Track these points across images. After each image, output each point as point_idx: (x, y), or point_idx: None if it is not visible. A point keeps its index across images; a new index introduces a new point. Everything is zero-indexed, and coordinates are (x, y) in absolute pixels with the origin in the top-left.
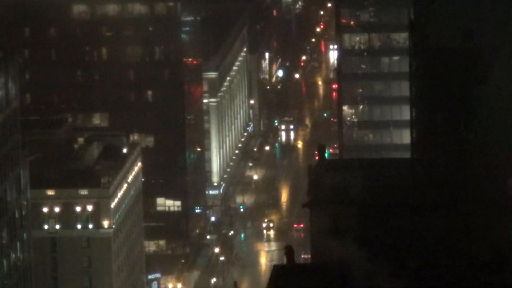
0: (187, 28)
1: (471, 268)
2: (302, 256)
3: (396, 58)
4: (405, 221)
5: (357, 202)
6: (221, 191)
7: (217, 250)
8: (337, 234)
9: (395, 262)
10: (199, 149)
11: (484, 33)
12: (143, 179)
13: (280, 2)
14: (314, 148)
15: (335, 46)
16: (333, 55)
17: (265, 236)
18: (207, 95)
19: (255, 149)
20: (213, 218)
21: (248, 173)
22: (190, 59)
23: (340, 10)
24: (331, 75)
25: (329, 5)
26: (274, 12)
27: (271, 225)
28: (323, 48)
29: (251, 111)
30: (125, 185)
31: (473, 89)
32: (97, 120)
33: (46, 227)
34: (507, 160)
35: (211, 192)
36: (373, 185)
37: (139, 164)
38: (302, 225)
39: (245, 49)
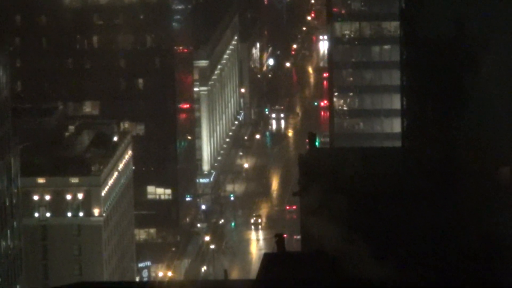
0: (178, 17)
1: (460, 256)
2: (295, 237)
3: (387, 47)
4: (395, 209)
5: (348, 191)
6: (211, 179)
7: (207, 238)
8: (328, 222)
9: (385, 250)
10: (189, 138)
11: (476, 22)
12: (133, 167)
13: None
14: (305, 136)
15: (325, 37)
16: (323, 45)
17: (252, 225)
18: (197, 83)
19: (245, 138)
20: (203, 207)
21: (239, 161)
22: (181, 48)
23: None
24: (321, 64)
25: None
26: (265, 1)
27: (259, 221)
28: (314, 37)
29: (241, 100)
30: (115, 173)
31: (464, 79)
32: (88, 108)
33: (36, 215)
34: (497, 149)
35: (201, 180)
36: (364, 173)
37: (130, 152)
38: (294, 207)
39: (236, 38)
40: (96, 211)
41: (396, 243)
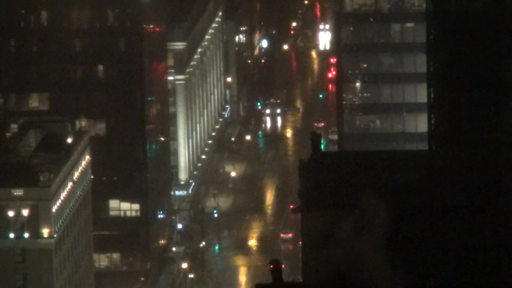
0: None
1: (502, 285)
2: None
3: (410, 25)
4: (421, 228)
5: (361, 206)
6: (190, 191)
7: (185, 265)
8: (336, 245)
9: (409, 280)
10: (162, 139)
11: None
12: (92, 176)
13: None
14: (307, 137)
15: (325, 27)
16: (330, 22)
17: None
18: (172, 71)
19: (232, 139)
20: (180, 226)
21: (224, 169)
22: (151, 26)
23: None
24: (327, 46)
25: None
26: None
27: None
28: (318, 12)
29: (228, 92)
30: (70, 184)
31: (505, 63)
32: (34, 102)
33: None
34: None
35: (177, 193)
36: (381, 184)
37: (88, 157)
38: (290, 235)
39: (220, 14)
40: (45, 232)
41: (423, 271)
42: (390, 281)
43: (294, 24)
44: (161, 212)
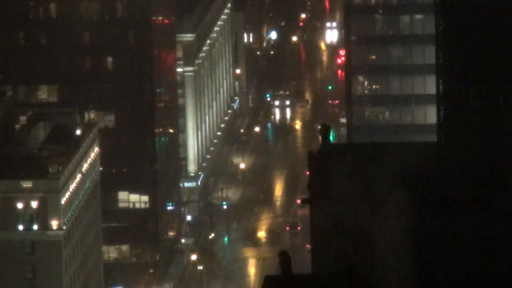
0: None
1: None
2: (307, 246)
3: (419, 16)
4: (430, 221)
5: (370, 198)
6: (199, 183)
7: (194, 257)
8: (346, 237)
9: (418, 272)
10: (171, 131)
11: None
12: (101, 168)
13: None
14: (316, 129)
15: (332, 24)
16: (339, 14)
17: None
18: (181, 62)
19: (241, 131)
20: (189, 217)
21: (234, 160)
22: (160, 18)
23: None
24: (336, 38)
25: None
26: None
27: None
28: (327, 4)
29: (237, 83)
30: (78, 176)
31: None
32: (43, 94)
33: None
34: None
35: (186, 184)
36: (390, 176)
37: (97, 149)
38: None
39: (229, 5)
40: (54, 224)
41: (432, 264)
42: (399, 273)
43: (303, 15)
44: (170, 204)
